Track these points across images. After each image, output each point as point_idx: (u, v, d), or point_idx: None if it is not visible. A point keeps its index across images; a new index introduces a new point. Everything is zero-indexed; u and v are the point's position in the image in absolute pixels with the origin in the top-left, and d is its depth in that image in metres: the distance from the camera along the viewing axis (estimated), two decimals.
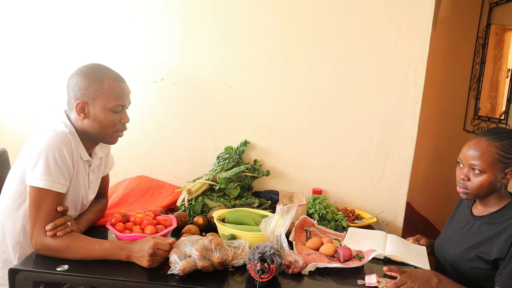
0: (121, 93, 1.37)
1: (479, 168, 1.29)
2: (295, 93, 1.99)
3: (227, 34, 1.96)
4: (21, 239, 1.36)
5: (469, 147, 1.33)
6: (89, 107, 1.34)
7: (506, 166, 1.29)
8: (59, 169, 1.25)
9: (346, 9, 1.90)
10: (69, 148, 1.28)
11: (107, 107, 1.34)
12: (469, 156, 1.32)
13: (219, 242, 1.24)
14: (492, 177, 1.29)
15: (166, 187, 1.98)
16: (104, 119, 1.35)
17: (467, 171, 1.34)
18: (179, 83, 2.03)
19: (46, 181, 1.24)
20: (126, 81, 1.42)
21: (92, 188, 1.49)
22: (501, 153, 1.28)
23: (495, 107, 2.97)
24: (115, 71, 1.40)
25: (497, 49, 3.01)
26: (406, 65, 1.91)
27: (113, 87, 1.35)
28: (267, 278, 1.15)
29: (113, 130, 1.39)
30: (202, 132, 2.06)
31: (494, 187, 1.32)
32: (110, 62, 2.01)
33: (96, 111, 1.34)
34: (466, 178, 1.34)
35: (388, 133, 1.98)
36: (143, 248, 1.21)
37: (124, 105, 1.40)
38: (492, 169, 1.28)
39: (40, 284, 1.22)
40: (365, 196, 2.05)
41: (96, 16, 2.00)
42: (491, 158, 1.28)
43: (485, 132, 1.34)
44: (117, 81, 1.36)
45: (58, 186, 1.26)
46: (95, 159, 1.47)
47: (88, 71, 1.34)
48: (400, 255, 1.42)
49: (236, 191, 1.87)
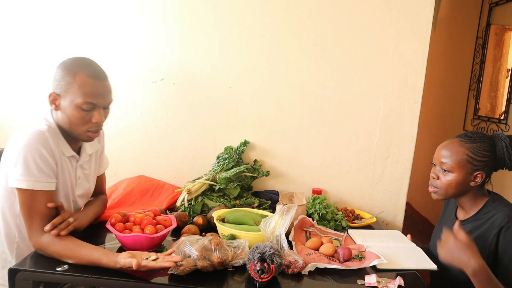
0: (92, 91, 1.28)
1: (447, 167, 1.32)
2: (295, 93, 1.99)
3: (227, 34, 1.96)
4: (17, 239, 1.35)
5: (442, 146, 1.37)
6: (61, 99, 1.29)
7: (475, 168, 1.31)
8: (39, 168, 1.23)
9: (346, 9, 1.90)
10: (46, 146, 1.25)
11: (75, 103, 1.27)
12: (440, 155, 1.35)
13: (219, 242, 1.24)
14: (459, 178, 1.31)
15: (166, 187, 1.98)
16: (71, 114, 1.29)
17: (438, 170, 1.37)
18: (179, 83, 2.02)
19: (27, 181, 1.21)
20: (107, 79, 1.34)
21: (80, 184, 1.45)
22: (471, 154, 1.30)
23: (495, 107, 2.97)
24: (98, 67, 1.33)
25: (497, 49, 3.01)
26: (406, 65, 1.91)
27: (85, 84, 1.27)
28: (267, 278, 1.15)
29: (83, 128, 1.32)
30: (202, 132, 2.06)
31: (462, 188, 1.34)
32: (110, 62, 2.03)
33: (65, 106, 1.29)
34: (436, 177, 1.37)
35: (388, 133, 1.98)
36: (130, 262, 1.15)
37: (96, 104, 1.30)
38: (460, 169, 1.31)
39: (40, 284, 1.22)
40: (365, 196, 2.05)
41: (96, 16, 2.00)
42: (460, 158, 1.30)
43: (460, 135, 1.36)
44: (91, 78, 1.28)
45: (42, 185, 1.23)
46: (83, 155, 1.43)
47: (66, 63, 1.30)
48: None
49: (236, 191, 1.87)
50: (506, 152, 1.30)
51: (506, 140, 1.31)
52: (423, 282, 1.26)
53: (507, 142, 1.31)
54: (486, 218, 1.32)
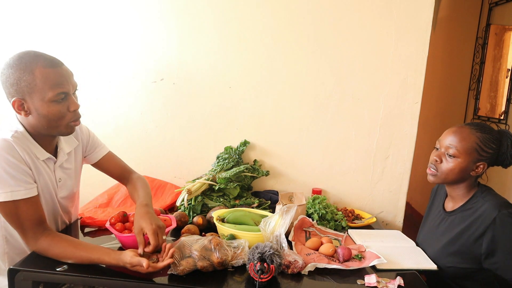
0: (58, 80, 1.20)
1: (453, 152, 1.32)
2: (295, 93, 1.99)
3: (227, 34, 1.96)
4: (6, 249, 1.32)
5: (452, 132, 1.36)
6: (28, 103, 1.20)
7: (480, 158, 1.32)
8: (12, 176, 1.17)
9: (346, 9, 1.90)
10: (14, 153, 1.19)
11: (47, 99, 1.19)
12: (448, 139, 1.35)
13: (218, 242, 1.24)
14: (463, 164, 1.32)
15: (168, 186, 1.99)
16: (48, 112, 1.20)
17: (441, 154, 1.36)
18: (179, 83, 2.02)
19: (5, 193, 1.17)
20: (63, 63, 1.25)
21: (62, 185, 1.39)
22: (480, 144, 1.31)
23: (495, 107, 2.97)
24: (48, 55, 1.23)
25: (497, 49, 3.01)
26: (405, 65, 1.91)
27: (47, 76, 1.18)
28: (266, 278, 1.15)
29: (64, 121, 1.25)
30: (202, 132, 2.06)
31: (463, 175, 1.34)
32: (110, 62, 2.03)
33: (37, 106, 1.20)
34: (439, 160, 1.37)
35: (388, 133, 1.98)
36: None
37: (67, 91, 1.22)
38: (467, 156, 1.31)
39: (40, 284, 1.22)
40: (364, 196, 2.05)
41: (96, 16, 2.00)
42: (469, 145, 1.31)
43: (468, 123, 1.37)
44: (50, 68, 1.19)
45: (21, 193, 1.19)
46: (61, 155, 1.37)
47: (15, 63, 1.18)
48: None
49: (235, 191, 1.87)
50: (510, 149, 1.32)
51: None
52: (423, 282, 1.26)
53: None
54: (475, 209, 1.33)
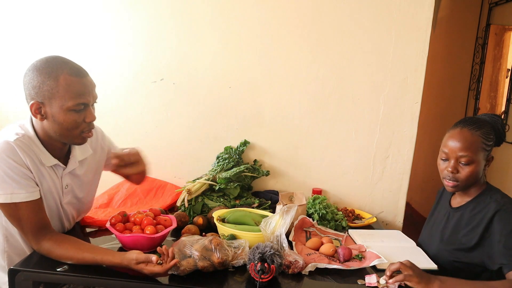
0: (81, 90, 1.20)
1: (466, 160, 1.31)
2: (294, 93, 1.99)
3: (227, 34, 1.96)
4: (6, 248, 1.32)
5: (454, 139, 1.34)
6: (46, 107, 1.19)
7: (487, 153, 1.33)
8: (13, 179, 1.16)
9: (345, 9, 1.90)
10: (15, 156, 1.17)
11: (66, 107, 1.19)
12: (456, 149, 1.33)
13: (219, 242, 1.24)
14: (479, 166, 1.32)
15: (168, 186, 1.99)
16: (64, 120, 1.20)
17: (454, 164, 1.34)
18: (179, 83, 2.02)
19: (5, 195, 1.16)
20: (88, 74, 1.25)
21: (68, 192, 1.36)
22: (483, 140, 1.31)
23: (495, 107, 2.97)
24: (75, 63, 1.23)
25: (497, 49, 3.02)
26: (405, 65, 1.91)
27: (71, 84, 1.18)
28: (267, 278, 1.15)
29: (78, 131, 1.24)
30: (202, 132, 2.06)
31: (480, 175, 1.35)
32: (110, 62, 2.03)
33: (54, 112, 1.19)
34: (456, 171, 1.35)
35: (388, 133, 1.98)
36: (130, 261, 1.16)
37: (87, 103, 1.23)
38: (479, 157, 1.32)
39: (40, 284, 1.22)
40: (364, 196, 2.05)
41: (96, 16, 2.00)
42: (477, 147, 1.31)
43: (463, 123, 1.35)
44: (75, 76, 1.19)
45: (21, 196, 1.18)
46: (72, 162, 1.34)
47: (41, 66, 1.18)
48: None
49: (236, 191, 1.87)
50: (502, 131, 1.36)
51: (499, 119, 1.38)
52: None
53: (499, 120, 1.37)
54: (483, 205, 1.33)
